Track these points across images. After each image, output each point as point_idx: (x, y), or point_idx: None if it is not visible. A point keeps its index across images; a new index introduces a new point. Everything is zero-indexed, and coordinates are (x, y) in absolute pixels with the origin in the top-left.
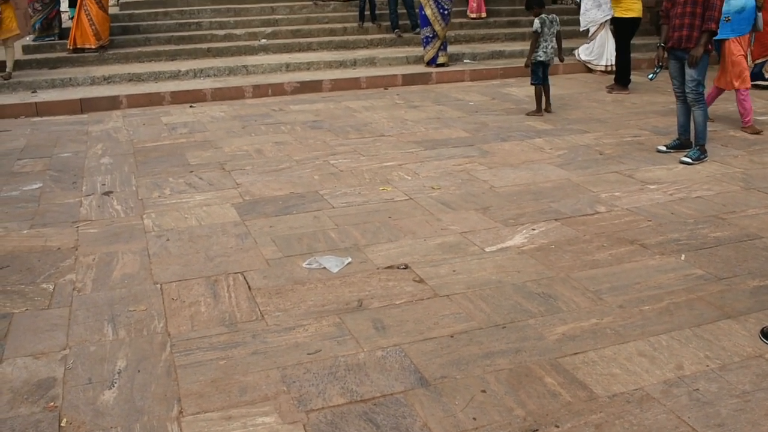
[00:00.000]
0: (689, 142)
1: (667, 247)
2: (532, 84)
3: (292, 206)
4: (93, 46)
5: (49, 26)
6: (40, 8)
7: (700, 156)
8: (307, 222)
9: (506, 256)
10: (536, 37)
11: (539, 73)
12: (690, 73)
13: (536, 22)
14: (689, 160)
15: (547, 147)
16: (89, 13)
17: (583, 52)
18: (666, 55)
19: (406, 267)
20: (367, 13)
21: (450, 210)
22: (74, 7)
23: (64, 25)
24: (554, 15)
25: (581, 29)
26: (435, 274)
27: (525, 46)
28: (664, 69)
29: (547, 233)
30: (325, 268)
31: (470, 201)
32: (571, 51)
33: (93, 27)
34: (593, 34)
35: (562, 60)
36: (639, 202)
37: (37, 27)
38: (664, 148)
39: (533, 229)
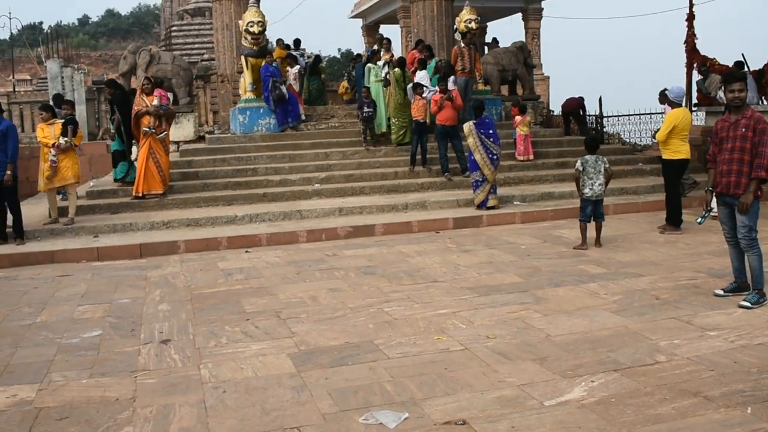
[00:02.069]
0: (747, 285)
1: (732, 398)
2: (579, 220)
3: (348, 357)
4: (161, 192)
5: None
6: None
7: (759, 300)
8: (362, 374)
9: (566, 411)
10: (577, 175)
11: (587, 210)
12: (741, 219)
13: (578, 162)
14: (748, 305)
15: (602, 292)
16: (158, 161)
17: None
18: (714, 199)
19: (464, 423)
20: (418, 157)
21: (506, 360)
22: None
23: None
24: (600, 156)
25: None
26: (493, 430)
27: (574, 186)
28: (712, 212)
29: (606, 385)
30: (381, 423)
31: (526, 351)
32: (621, 190)
33: (161, 174)
34: None
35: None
36: (699, 351)
37: None
38: (721, 292)
39: (592, 381)
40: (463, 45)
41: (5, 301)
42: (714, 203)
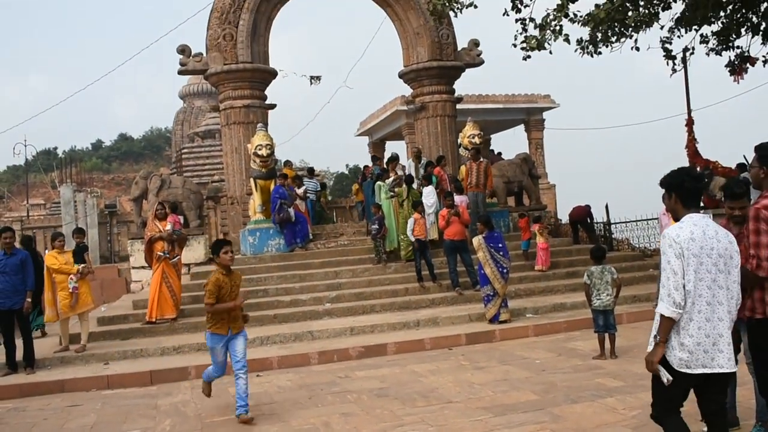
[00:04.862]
0: (736, 420)
1: None
2: (595, 331)
3: None
4: (173, 316)
5: None
6: None
7: None
8: None
9: None
10: (586, 288)
11: (599, 321)
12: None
13: (585, 275)
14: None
15: (620, 407)
16: (171, 285)
17: None
18: None
19: None
20: (425, 273)
21: None
22: None
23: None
24: (608, 265)
25: None
26: None
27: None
28: None
29: None
30: None
31: None
32: (633, 298)
33: (174, 298)
34: None
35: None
36: None
37: None
38: None
39: None
40: (472, 161)
41: None
42: None
